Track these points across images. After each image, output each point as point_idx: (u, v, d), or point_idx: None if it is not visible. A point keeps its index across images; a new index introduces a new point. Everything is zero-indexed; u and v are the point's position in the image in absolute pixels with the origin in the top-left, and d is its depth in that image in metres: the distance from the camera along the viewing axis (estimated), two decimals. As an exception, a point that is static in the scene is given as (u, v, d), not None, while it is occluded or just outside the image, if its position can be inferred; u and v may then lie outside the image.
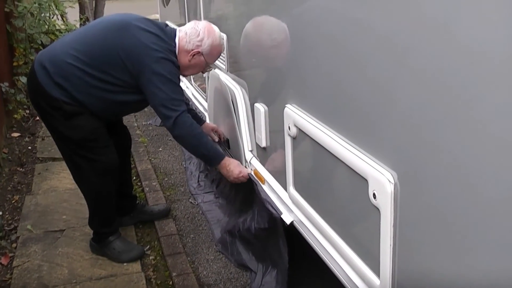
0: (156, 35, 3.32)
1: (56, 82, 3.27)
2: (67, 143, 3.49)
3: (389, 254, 1.95)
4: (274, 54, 2.97)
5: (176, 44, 3.43)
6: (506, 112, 1.33)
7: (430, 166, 1.68)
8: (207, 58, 3.52)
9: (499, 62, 1.34)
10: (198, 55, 3.46)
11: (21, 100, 6.75)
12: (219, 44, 3.55)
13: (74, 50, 3.30)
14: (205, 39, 3.44)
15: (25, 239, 4.10)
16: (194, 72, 3.74)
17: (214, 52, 3.54)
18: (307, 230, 2.76)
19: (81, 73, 3.27)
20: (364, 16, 1.97)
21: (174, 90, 3.33)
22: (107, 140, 3.54)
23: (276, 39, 2.91)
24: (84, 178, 3.64)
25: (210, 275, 3.67)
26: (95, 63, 3.29)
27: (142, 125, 6.71)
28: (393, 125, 1.85)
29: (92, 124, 3.41)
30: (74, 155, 3.52)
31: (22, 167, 5.52)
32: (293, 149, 2.79)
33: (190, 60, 3.46)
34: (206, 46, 3.45)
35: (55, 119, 3.39)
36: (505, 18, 1.30)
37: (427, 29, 1.60)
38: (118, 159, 3.64)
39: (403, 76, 1.74)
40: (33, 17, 7.58)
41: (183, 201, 4.71)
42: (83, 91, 3.30)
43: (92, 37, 3.38)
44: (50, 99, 3.30)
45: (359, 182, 2.07)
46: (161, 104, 3.30)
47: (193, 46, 3.43)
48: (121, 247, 3.85)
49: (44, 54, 3.40)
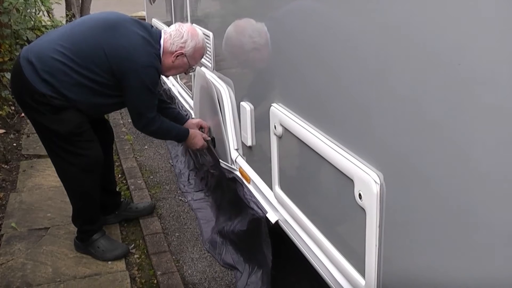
0: (143, 37, 3.37)
1: (43, 78, 3.26)
2: (53, 139, 3.47)
3: (375, 254, 1.95)
4: (259, 53, 2.96)
5: (161, 46, 3.50)
6: (495, 111, 1.33)
7: (416, 167, 1.67)
8: (190, 60, 3.60)
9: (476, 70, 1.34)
10: (182, 57, 3.54)
11: (6, 96, 6.71)
12: (202, 47, 3.63)
13: (61, 47, 3.30)
14: (188, 41, 3.52)
15: (9, 237, 4.07)
16: (176, 73, 3.81)
17: (197, 55, 3.63)
18: (292, 229, 2.75)
19: (68, 69, 3.28)
20: (342, 14, 1.97)
21: (150, 98, 3.49)
22: (92, 135, 3.56)
23: (259, 38, 2.91)
24: (69, 174, 3.63)
25: (195, 274, 3.66)
26: (81, 61, 3.29)
27: (128, 123, 6.68)
28: (380, 126, 1.84)
29: (78, 119, 3.42)
30: (59, 150, 3.51)
31: (7, 164, 5.48)
32: (279, 148, 2.78)
33: (173, 61, 3.54)
34: (189, 48, 3.53)
35: (41, 115, 3.37)
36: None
37: (404, 40, 1.60)
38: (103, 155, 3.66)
39: (390, 76, 1.74)
40: (18, 13, 7.53)
41: (168, 199, 4.69)
42: (69, 88, 3.30)
43: (79, 34, 3.38)
44: (37, 94, 3.28)
45: (345, 182, 2.07)
46: (135, 109, 3.54)
47: (177, 48, 3.51)
48: (106, 246, 3.83)
49: (30, 50, 3.38)
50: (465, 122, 1.43)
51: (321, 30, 2.21)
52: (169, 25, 5.42)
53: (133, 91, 3.40)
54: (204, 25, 4.13)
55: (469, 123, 1.42)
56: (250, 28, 3.02)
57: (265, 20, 2.82)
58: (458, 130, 1.46)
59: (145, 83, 3.37)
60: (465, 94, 1.42)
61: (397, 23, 1.67)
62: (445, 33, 1.46)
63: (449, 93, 1.47)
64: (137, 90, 3.39)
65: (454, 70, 1.43)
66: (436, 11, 1.48)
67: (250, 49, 3.06)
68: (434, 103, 1.53)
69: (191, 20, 4.55)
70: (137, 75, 3.34)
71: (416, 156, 1.66)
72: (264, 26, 2.81)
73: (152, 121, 3.56)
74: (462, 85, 1.42)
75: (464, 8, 1.38)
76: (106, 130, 4.02)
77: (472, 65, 1.38)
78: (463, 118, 1.43)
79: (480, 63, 1.35)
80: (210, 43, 3.91)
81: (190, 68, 3.72)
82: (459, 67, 1.42)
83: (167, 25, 5.69)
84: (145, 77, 3.36)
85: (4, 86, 6.72)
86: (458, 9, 1.40)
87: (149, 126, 3.60)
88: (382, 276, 1.97)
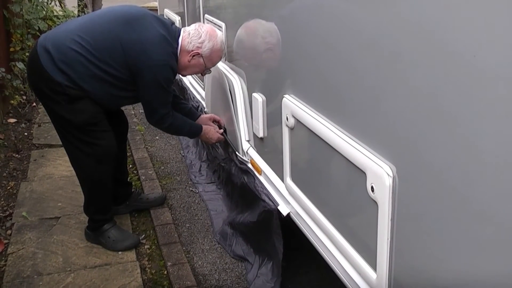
0: (161, 34, 3.35)
1: (60, 67, 3.27)
2: (68, 128, 3.47)
3: (386, 248, 1.94)
4: (272, 47, 2.95)
5: (179, 44, 3.48)
6: (504, 109, 1.31)
7: (428, 160, 1.66)
8: (206, 61, 3.56)
9: (491, 63, 1.32)
10: (198, 57, 3.51)
11: (18, 86, 6.72)
12: (219, 49, 3.57)
13: (79, 38, 3.30)
14: (206, 42, 3.48)
15: (20, 226, 4.08)
16: (192, 73, 3.78)
17: (214, 56, 3.59)
18: (304, 222, 2.75)
19: (85, 60, 3.28)
20: (356, 5, 1.95)
21: (163, 95, 3.50)
22: (106, 125, 3.56)
23: (269, 35, 2.90)
24: (82, 164, 3.63)
25: (205, 265, 3.65)
26: (99, 53, 3.30)
27: (140, 113, 6.69)
28: (392, 118, 1.83)
29: (93, 108, 3.43)
30: (74, 140, 3.51)
31: (18, 154, 5.49)
32: (291, 139, 2.77)
33: (189, 61, 3.51)
34: (206, 49, 3.49)
35: (56, 104, 3.38)
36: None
37: (417, 32, 1.58)
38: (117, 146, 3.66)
39: (403, 68, 1.73)
40: (30, 3, 7.53)
41: (179, 190, 4.69)
42: (85, 79, 3.31)
43: (98, 27, 3.38)
44: (53, 83, 3.28)
45: (357, 175, 2.06)
46: (149, 106, 3.55)
47: (194, 47, 3.48)
48: (116, 236, 3.83)
49: (48, 38, 3.37)
50: (479, 115, 1.41)
51: (335, 21, 2.19)
52: (182, 16, 5.43)
53: (147, 87, 3.41)
54: (216, 15, 4.12)
55: (483, 116, 1.40)
56: (263, 22, 3.01)
57: (277, 12, 2.80)
58: (472, 123, 1.44)
59: (159, 80, 3.37)
60: (479, 87, 1.40)
61: (411, 14, 1.65)
62: (460, 25, 1.44)
63: (464, 86, 1.45)
64: (150, 86, 3.40)
65: (469, 63, 1.42)
66: (451, 1, 1.46)
67: (263, 43, 3.05)
68: (448, 96, 1.52)
69: (204, 10, 4.54)
70: (152, 72, 3.34)
71: (429, 149, 1.65)
72: (277, 18, 2.79)
73: (164, 117, 3.57)
74: (477, 78, 1.40)
75: (479, 5, 1.36)
76: (121, 121, 4.02)
77: (488, 57, 1.36)
78: (476, 111, 1.42)
79: (495, 55, 1.33)
80: (223, 33, 3.89)
81: (207, 70, 3.67)
82: (474, 59, 1.40)
83: (179, 15, 5.67)
84: (159, 74, 3.36)
85: (15, 76, 6.73)
86: (474, 1, 1.38)
87: (162, 122, 3.62)
88: (393, 270, 1.96)
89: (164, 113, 3.55)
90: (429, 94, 1.60)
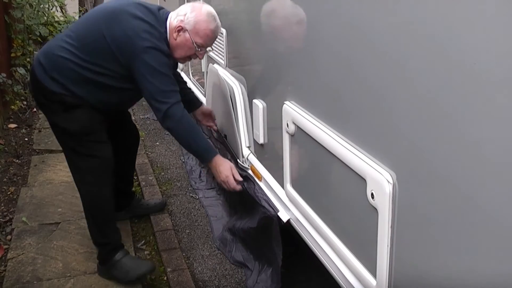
0: (146, 22, 3.19)
1: (52, 76, 3.22)
2: (65, 138, 3.41)
3: (386, 255, 1.94)
4: (274, 50, 2.95)
5: (167, 28, 3.30)
6: (506, 115, 1.32)
7: (429, 167, 1.66)
8: (193, 36, 3.27)
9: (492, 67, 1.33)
10: (183, 32, 3.27)
11: (18, 91, 6.73)
12: (205, 20, 3.28)
13: (66, 43, 3.24)
14: (188, 14, 3.26)
15: (20, 232, 4.08)
16: (184, 54, 3.40)
17: (200, 29, 3.28)
18: (304, 228, 2.75)
19: (73, 65, 3.21)
20: (357, 11, 1.95)
21: (163, 81, 3.20)
22: (103, 136, 3.43)
23: (276, 36, 2.90)
24: (80, 177, 3.50)
25: (205, 271, 3.66)
26: (87, 56, 3.21)
27: (140, 119, 6.70)
28: (393, 125, 1.83)
29: (89, 118, 3.32)
30: (71, 151, 3.43)
31: (18, 159, 5.50)
32: (291, 146, 2.77)
33: (176, 38, 3.28)
34: (189, 20, 3.25)
35: (54, 113, 3.33)
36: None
37: (418, 37, 1.58)
38: (114, 159, 3.48)
39: (404, 75, 1.73)
40: (31, 8, 7.55)
41: (179, 196, 4.69)
42: (77, 84, 3.24)
43: (83, 28, 3.30)
44: (50, 93, 3.24)
45: (357, 182, 2.06)
46: (151, 97, 3.21)
47: (177, 22, 3.27)
48: (129, 265, 3.56)
49: (41, 50, 3.36)
50: (479, 121, 1.42)
51: (336, 27, 2.20)
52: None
53: (143, 77, 3.16)
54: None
55: (483, 122, 1.40)
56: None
57: (279, 18, 2.81)
58: (472, 129, 1.45)
59: (152, 65, 3.13)
60: (480, 94, 1.40)
61: (411, 19, 1.66)
62: (461, 32, 1.44)
63: (464, 92, 1.46)
64: (146, 73, 3.15)
65: (470, 69, 1.42)
66: (452, 9, 1.47)
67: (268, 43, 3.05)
68: (448, 102, 1.52)
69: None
70: (142, 59, 3.12)
71: (429, 156, 1.65)
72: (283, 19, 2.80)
73: (174, 107, 3.20)
74: (477, 85, 1.41)
75: (480, 8, 1.36)
76: (129, 131, 3.99)
77: (488, 64, 1.36)
78: (477, 117, 1.42)
79: (495, 63, 1.34)
80: (223, 39, 3.90)
81: (200, 49, 3.36)
82: (474, 66, 1.40)
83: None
84: (150, 59, 3.13)
85: (16, 81, 6.74)
86: (474, 9, 1.38)
87: (173, 114, 3.20)
88: (393, 277, 1.96)
89: (172, 102, 3.19)
90: (430, 100, 1.60)
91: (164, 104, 3.18)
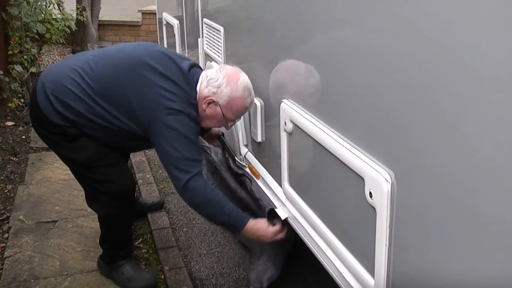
0: (173, 81, 2.93)
1: (56, 109, 3.00)
2: (75, 167, 3.27)
3: (385, 254, 1.93)
4: (271, 48, 2.95)
5: (197, 92, 3.01)
6: (509, 110, 1.31)
7: (427, 166, 1.65)
8: (225, 111, 2.99)
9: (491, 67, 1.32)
10: (214, 105, 2.97)
11: (16, 89, 6.72)
12: (240, 97, 2.97)
13: (81, 78, 3.00)
14: (222, 87, 2.93)
15: (17, 230, 4.07)
16: (212, 125, 3.22)
17: (234, 105, 2.98)
18: (301, 227, 2.74)
19: (85, 106, 2.98)
20: (353, 11, 1.95)
21: (188, 148, 2.89)
22: (115, 157, 3.24)
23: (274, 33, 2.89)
24: (99, 201, 3.33)
25: (202, 269, 3.65)
26: (102, 100, 2.98)
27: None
28: (391, 123, 1.82)
29: (95, 144, 3.12)
30: (85, 178, 3.28)
31: (16, 157, 5.49)
32: (289, 145, 2.76)
33: (205, 109, 2.99)
34: (222, 95, 2.94)
35: (57, 144, 3.19)
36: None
37: (416, 36, 1.57)
38: (134, 180, 3.35)
39: (401, 73, 1.72)
40: (29, 6, 7.52)
41: (176, 194, 4.64)
42: (85, 123, 3.03)
43: (104, 75, 3.02)
44: (50, 125, 3.04)
45: (356, 181, 2.05)
46: (172, 164, 2.90)
47: (209, 93, 2.96)
48: (130, 273, 3.49)
49: (48, 74, 3.15)
50: (478, 120, 1.41)
51: (333, 26, 2.19)
52: (180, 20, 5.41)
53: (165, 140, 2.89)
54: (215, 19, 4.11)
55: (482, 121, 1.39)
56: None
57: (278, 19, 2.80)
58: (471, 128, 1.44)
59: (176, 129, 2.86)
60: (478, 92, 1.39)
61: (409, 18, 1.65)
62: (459, 30, 1.43)
63: (462, 91, 1.44)
64: (169, 138, 2.88)
65: (468, 68, 1.41)
66: (450, 7, 1.46)
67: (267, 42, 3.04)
68: (446, 101, 1.51)
69: (202, 14, 4.53)
70: (165, 122, 2.85)
71: (428, 155, 1.64)
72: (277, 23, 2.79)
73: (195, 180, 2.89)
74: (475, 83, 1.40)
75: (479, 5, 1.36)
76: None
77: (486, 62, 1.35)
78: (476, 116, 1.41)
79: (494, 61, 1.33)
80: (221, 37, 3.88)
81: (230, 122, 3.11)
82: (474, 63, 1.39)
83: (178, 19, 5.66)
84: (175, 122, 2.86)
85: (13, 79, 6.73)
86: (473, 7, 1.37)
87: (192, 188, 2.89)
88: (391, 276, 1.95)
89: (195, 172, 2.90)
90: (428, 99, 1.60)
91: (186, 173, 2.88)
